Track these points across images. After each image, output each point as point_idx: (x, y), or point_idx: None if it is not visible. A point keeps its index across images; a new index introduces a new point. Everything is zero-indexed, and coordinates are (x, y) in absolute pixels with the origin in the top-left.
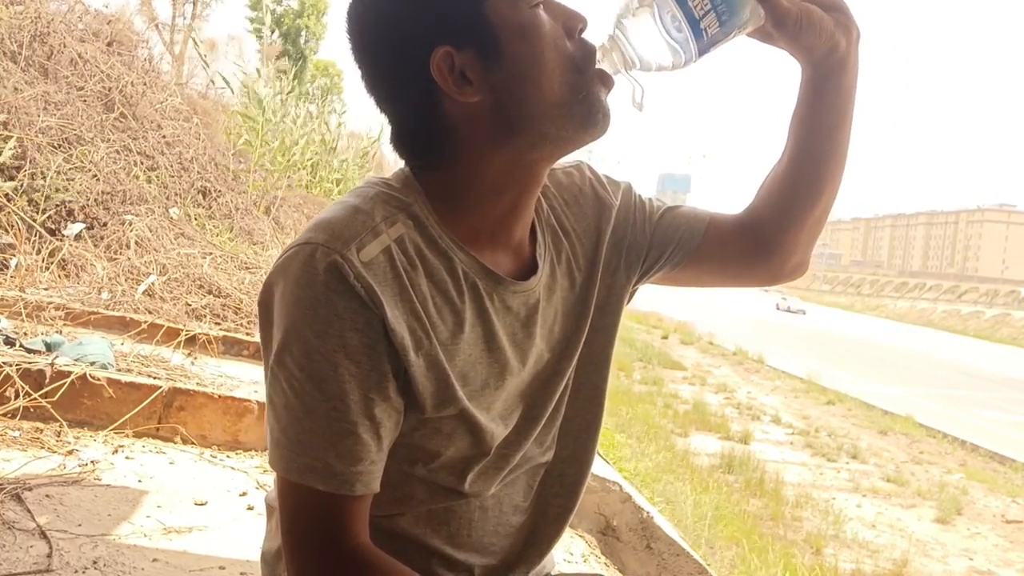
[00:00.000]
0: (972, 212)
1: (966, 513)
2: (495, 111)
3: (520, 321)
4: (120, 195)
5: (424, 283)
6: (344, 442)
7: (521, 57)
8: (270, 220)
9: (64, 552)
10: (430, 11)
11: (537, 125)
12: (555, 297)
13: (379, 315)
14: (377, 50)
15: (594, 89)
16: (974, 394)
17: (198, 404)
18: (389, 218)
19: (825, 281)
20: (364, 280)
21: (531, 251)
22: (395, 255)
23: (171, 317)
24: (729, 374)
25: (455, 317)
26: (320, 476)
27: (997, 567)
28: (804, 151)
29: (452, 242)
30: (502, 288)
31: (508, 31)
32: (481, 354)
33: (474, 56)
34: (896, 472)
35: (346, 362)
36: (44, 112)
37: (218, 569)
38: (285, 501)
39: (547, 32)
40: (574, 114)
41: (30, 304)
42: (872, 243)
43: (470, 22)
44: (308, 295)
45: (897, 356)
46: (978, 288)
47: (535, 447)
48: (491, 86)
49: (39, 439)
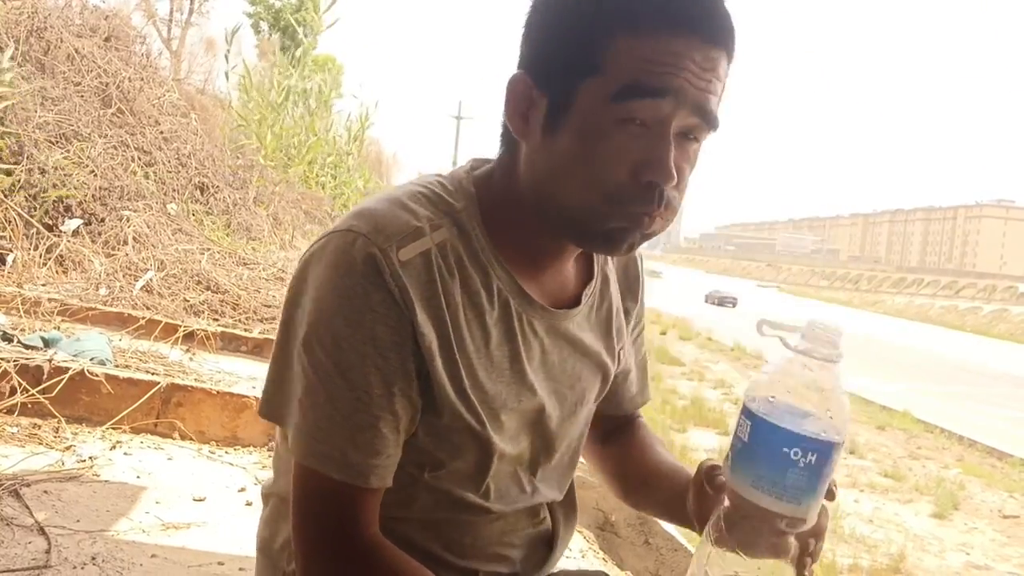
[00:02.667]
0: (970, 208)
1: (963, 508)
2: (527, 165)
3: (544, 347)
4: (118, 191)
5: (458, 293)
6: (364, 434)
7: (571, 150)
8: (268, 216)
9: (62, 548)
10: (559, 40)
11: (547, 210)
12: (586, 337)
13: (409, 316)
14: (526, 29)
15: (621, 225)
16: (972, 389)
17: (196, 400)
18: (434, 222)
19: (823, 277)
20: (399, 279)
21: (579, 286)
22: (433, 260)
23: (169, 313)
24: (727, 369)
25: (483, 331)
26: (336, 465)
27: (994, 562)
28: (646, 507)
29: (492, 256)
30: (532, 310)
31: (578, 119)
32: (503, 372)
33: (544, 107)
34: (894, 467)
35: (374, 355)
36: (41, 108)
37: (217, 565)
38: (299, 485)
39: (603, 152)
40: (582, 229)
41: (28, 300)
42: (870, 239)
43: (562, 82)
44: (344, 283)
45: (895, 352)
46: (976, 284)
47: (541, 470)
48: (536, 144)
49: (37, 435)
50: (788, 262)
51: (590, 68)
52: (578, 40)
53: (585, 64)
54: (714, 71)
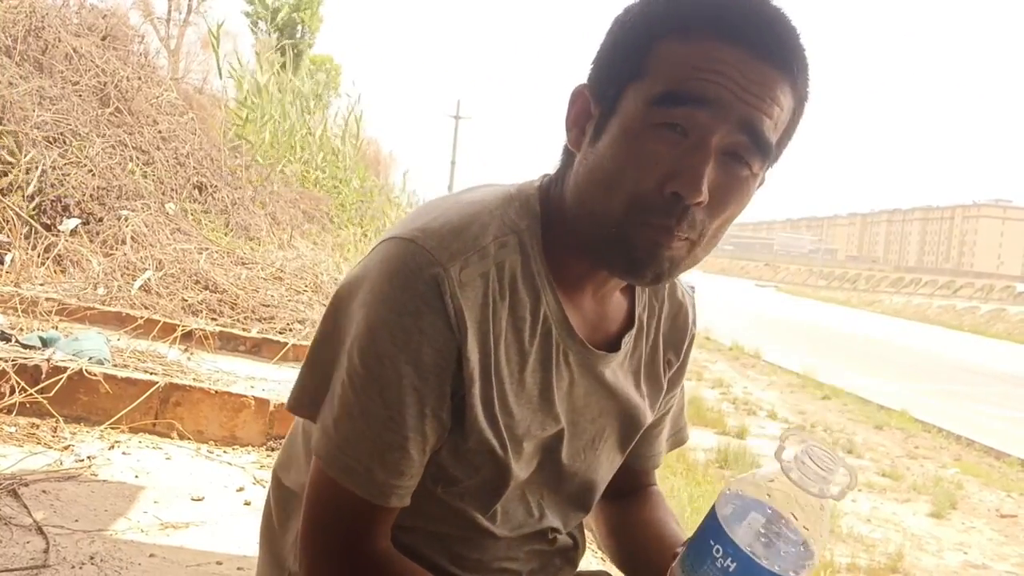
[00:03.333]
0: (968, 207)
1: (961, 508)
2: (575, 170)
3: (573, 379)
4: (116, 190)
5: (505, 316)
6: (392, 454)
7: (606, 153)
8: (266, 215)
9: (61, 548)
10: (610, 50)
11: (580, 224)
12: (618, 383)
13: (458, 340)
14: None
15: (639, 236)
16: (969, 389)
17: (195, 400)
18: (500, 240)
19: (821, 276)
20: (457, 301)
21: (620, 329)
22: (490, 281)
23: (167, 312)
24: (725, 369)
25: (520, 356)
26: (360, 481)
27: (992, 561)
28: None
29: (546, 281)
30: (572, 343)
31: (619, 122)
32: (532, 399)
33: (596, 119)
34: (891, 467)
35: (413, 376)
36: (39, 107)
37: (215, 564)
38: (316, 489)
39: (635, 154)
40: (607, 241)
41: (26, 300)
42: (868, 238)
43: (611, 89)
44: (398, 298)
45: (893, 351)
46: (974, 283)
47: (548, 496)
48: (584, 153)
49: (35, 435)
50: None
51: (635, 72)
52: (626, 46)
53: (631, 68)
54: (766, 88)
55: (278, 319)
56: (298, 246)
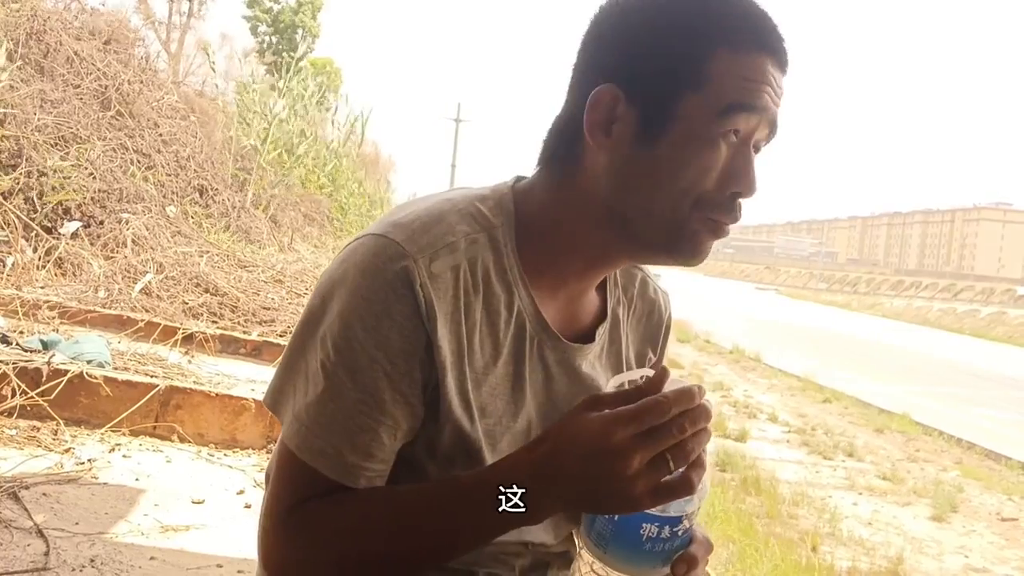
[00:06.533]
0: (968, 210)
1: (961, 511)
2: (609, 177)
3: (551, 375)
4: (117, 193)
5: (479, 309)
6: (363, 436)
7: (671, 158)
8: (267, 219)
9: (61, 550)
10: (656, 54)
11: (634, 219)
12: (597, 376)
13: (428, 329)
14: (588, 38)
15: (701, 230)
16: (970, 392)
17: (195, 403)
18: (470, 236)
19: (822, 279)
20: (427, 291)
21: (593, 322)
22: (462, 274)
23: (168, 315)
24: (726, 372)
25: (494, 349)
26: (331, 463)
27: (992, 564)
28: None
29: (519, 276)
30: (546, 337)
31: (684, 128)
32: (504, 390)
33: (635, 118)
34: (892, 470)
35: (384, 361)
36: (40, 110)
37: (215, 567)
38: (284, 470)
39: (708, 160)
40: (669, 235)
41: (27, 302)
42: (868, 241)
43: (660, 94)
44: (369, 288)
45: (893, 354)
46: (974, 286)
47: None
48: (625, 155)
49: (36, 437)
50: (786, 265)
51: (692, 81)
52: (678, 54)
53: (687, 77)
54: (782, 90)
55: (279, 322)
56: (299, 249)
